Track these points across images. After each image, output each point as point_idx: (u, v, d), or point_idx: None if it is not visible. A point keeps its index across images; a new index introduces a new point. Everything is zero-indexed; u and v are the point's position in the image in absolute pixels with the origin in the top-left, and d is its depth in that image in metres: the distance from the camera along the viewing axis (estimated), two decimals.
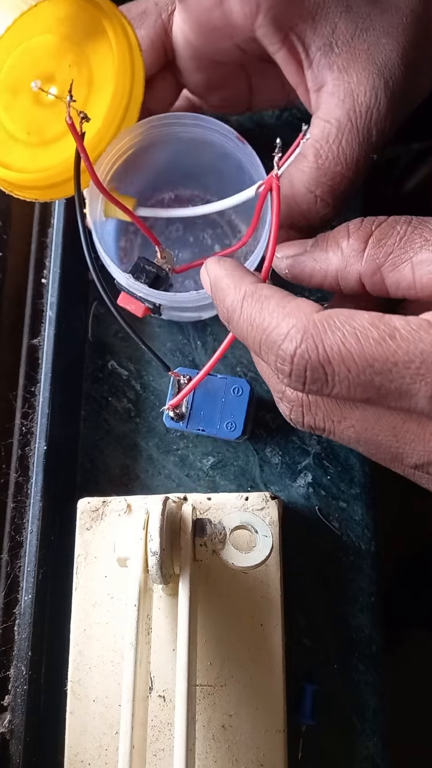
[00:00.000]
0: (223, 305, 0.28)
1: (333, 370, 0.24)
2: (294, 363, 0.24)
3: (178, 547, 0.33)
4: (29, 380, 0.44)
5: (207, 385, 0.36)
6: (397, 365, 0.23)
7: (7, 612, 0.39)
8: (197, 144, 0.38)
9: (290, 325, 0.24)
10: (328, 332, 0.24)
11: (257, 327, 0.26)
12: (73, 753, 0.35)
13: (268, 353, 0.25)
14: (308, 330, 0.24)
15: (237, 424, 0.36)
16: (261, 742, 0.34)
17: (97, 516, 0.38)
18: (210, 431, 0.36)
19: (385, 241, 0.27)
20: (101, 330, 0.47)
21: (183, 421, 0.36)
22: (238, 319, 0.27)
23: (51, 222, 0.46)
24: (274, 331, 0.25)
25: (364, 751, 0.38)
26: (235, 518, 0.34)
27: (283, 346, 0.25)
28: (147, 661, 0.32)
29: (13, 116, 0.34)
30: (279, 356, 0.25)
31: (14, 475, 0.42)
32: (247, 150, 0.36)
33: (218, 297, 0.29)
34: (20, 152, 0.36)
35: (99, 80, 0.36)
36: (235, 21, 0.33)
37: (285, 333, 0.24)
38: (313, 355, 0.24)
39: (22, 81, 0.33)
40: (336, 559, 0.41)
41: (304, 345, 0.24)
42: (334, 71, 0.32)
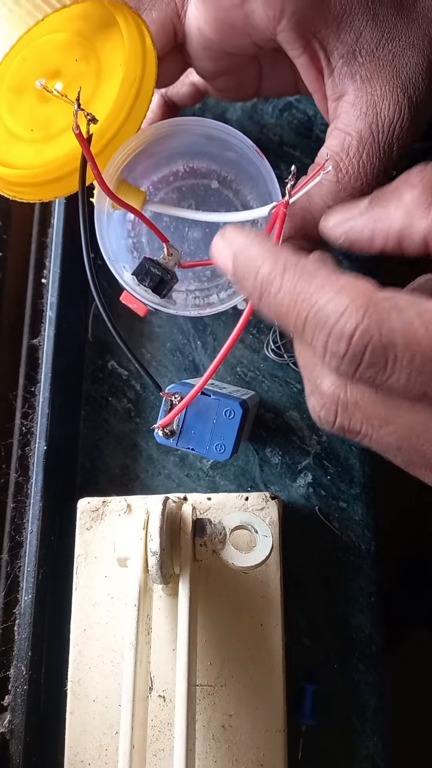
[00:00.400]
0: (256, 277, 0.24)
1: (396, 355, 0.21)
2: (353, 342, 0.21)
3: (178, 547, 0.33)
4: (29, 380, 0.44)
5: (199, 405, 0.36)
6: None
7: (7, 612, 0.39)
8: (215, 139, 0.38)
9: (348, 300, 0.22)
10: (393, 313, 0.21)
11: (304, 301, 0.22)
12: (73, 753, 0.35)
13: (318, 331, 0.22)
14: (370, 307, 0.21)
15: (226, 447, 0.35)
16: (261, 742, 0.34)
17: (97, 516, 0.38)
18: (199, 451, 0.36)
19: None
20: (101, 330, 0.47)
21: (173, 439, 0.36)
22: (276, 293, 0.23)
23: (51, 222, 0.46)
24: (327, 305, 0.22)
25: (364, 751, 0.38)
26: (235, 518, 0.34)
27: (340, 322, 0.21)
28: (147, 661, 0.32)
29: (16, 116, 0.34)
30: (334, 333, 0.22)
31: (14, 475, 0.42)
32: (266, 165, 0.35)
33: (247, 268, 0.25)
34: (24, 150, 0.35)
35: (107, 70, 0.35)
36: (257, 23, 0.32)
37: (343, 309, 0.21)
38: (376, 335, 0.21)
39: (27, 79, 0.33)
40: (336, 559, 0.41)
41: (367, 322, 0.21)
42: (356, 81, 0.31)
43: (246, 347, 0.45)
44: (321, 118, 0.49)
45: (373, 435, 0.25)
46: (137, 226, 0.43)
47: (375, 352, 0.21)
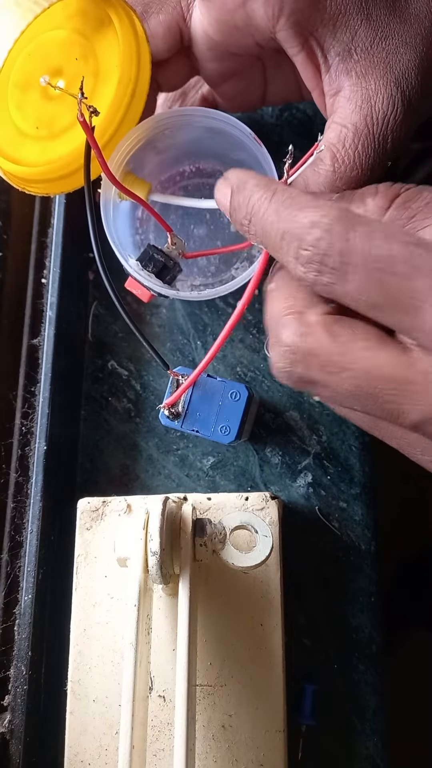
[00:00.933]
0: (248, 204, 0.27)
1: (353, 260, 0.23)
2: (316, 246, 0.24)
3: (178, 547, 0.33)
4: (29, 380, 0.44)
5: (205, 387, 0.36)
6: (420, 271, 0.23)
7: (7, 612, 0.39)
8: (217, 132, 0.39)
9: (321, 213, 0.24)
10: (358, 225, 0.24)
11: (284, 218, 0.25)
12: (73, 753, 0.35)
13: (291, 241, 0.25)
14: (338, 219, 0.24)
15: (231, 429, 0.36)
16: (261, 742, 0.34)
17: (97, 516, 0.38)
18: (204, 433, 0.36)
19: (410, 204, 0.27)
20: (101, 330, 0.47)
21: (178, 420, 0.36)
22: (263, 213, 0.26)
23: (51, 222, 0.46)
24: (302, 219, 0.25)
25: (364, 751, 0.38)
26: (235, 518, 0.34)
27: (310, 230, 0.24)
28: (147, 661, 0.32)
29: (23, 113, 0.34)
30: (302, 240, 0.24)
31: (14, 475, 0.42)
32: (263, 152, 0.36)
33: (242, 197, 0.28)
34: (30, 147, 0.36)
35: (104, 70, 0.36)
36: (257, 22, 0.34)
37: (316, 219, 0.24)
38: (338, 241, 0.24)
39: (31, 77, 0.33)
40: (336, 559, 0.41)
41: (330, 230, 0.24)
42: (352, 77, 0.33)
43: (246, 347, 0.45)
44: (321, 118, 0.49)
45: (329, 382, 0.26)
46: (145, 223, 0.44)
47: (334, 255, 0.24)
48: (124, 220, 0.41)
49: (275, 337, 0.27)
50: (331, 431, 0.43)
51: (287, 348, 0.26)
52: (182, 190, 0.44)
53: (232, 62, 0.38)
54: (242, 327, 0.46)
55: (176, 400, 0.35)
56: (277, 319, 0.27)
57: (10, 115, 0.34)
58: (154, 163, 0.42)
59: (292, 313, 0.27)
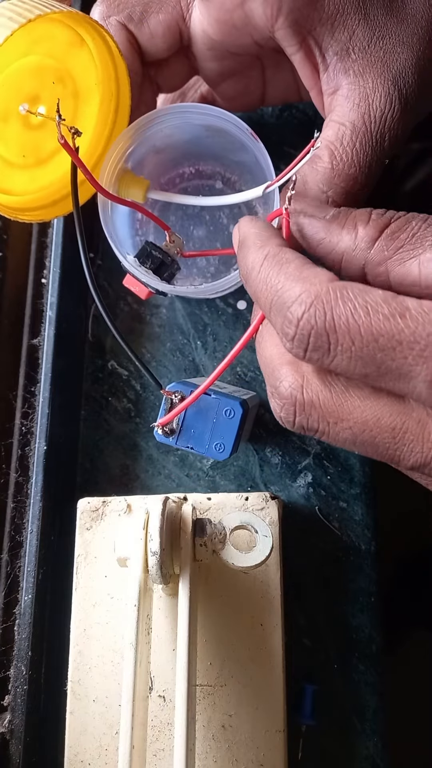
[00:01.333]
0: (245, 263, 0.28)
1: (337, 339, 0.24)
2: (299, 326, 0.24)
3: (178, 547, 0.33)
4: (29, 380, 0.44)
5: (199, 404, 0.36)
6: (402, 344, 0.23)
7: (7, 612, 0.39)
8: (216, 130, 0.39)
9: (303, 289, 0.25)
10: (339, 302, 0.24)
11: (271, 287, 0.26)
12: (73, 753, 0.35)
13: (277, 315, 0.26)
14: (320, 296, 0.24)
15: (226, 446, 0.35)
16: (261, 742, 0.34)
17: (97, 516, 0.38)
18: (199, 450, 0.36)
19: (398, 235, 0.27)
20: (101, 330, 0.47)
21: (173, 437, 0.36)
22: (255, 278, 0.27)
23: (51, 222, 0.46)
24: (286, 293, 0.25)
25: (364, 751, 0.38)
26: (235, 518, 0.34)
27: (292, 308, 0.25)
28: (147, 661, 0.32)
29: (7, 143, 0.34)
30: (286, 318, 0.25)
31: (14, 475, 0.42)
32: (260, 147, 0.36)
33: (242, 255, 0.29)
34: (18, 176, 0.36)
35: (84, 90, 0.36)
36: (256, 22, 0.34)
37: (296, 296, 0.25)
38: (320, 322, 0.24)
39: (9, 107, 0.33)
40: (336, 559, 0.41)
41: (313, 310, 0.24)
42: (349, 76, 0.33)
43: (246, 347, 0.45)
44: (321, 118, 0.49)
45: (329, 432, 0.27)
46: (144, 225, 0.44)
47: (319, 336, 0.24)
48: (123, 221, 0.41)
49: (274, 387, 0.28)
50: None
51: (287, 401, 0.27)
52: (182, 192, 0.44)
53: (231, 62, 0.38)
54: (242, 327, 0.46)
55: (169, 420, 0.35)
56: (272, 368, 0.28)
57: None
58: (153, 163, 0.42)
59: (287, 363, 0.28)
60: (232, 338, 0.46)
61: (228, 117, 0.37)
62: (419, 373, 0.23)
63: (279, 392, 0.28)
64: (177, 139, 0.41)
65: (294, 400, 0.27)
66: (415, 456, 0.25)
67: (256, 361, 0.45)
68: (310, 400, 0.27)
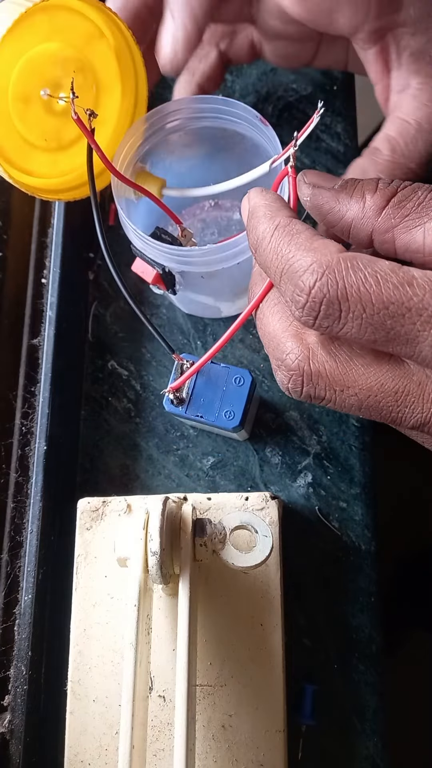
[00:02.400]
0: (255, 232, 0.29)
1: (348, 307, 0.25)
2: (311, 295, 0.25)
3: (178, 547, 0.33)
4: (29, 380, 0.44)
5: (209, 373, 0.36)
6: (411, 311, 0.24)
7: (7, 612, 0.39)
8: (229, 135, 0.39)
9: (314, 259, 0.25)
10: (350, 271, 0.25)
11: (282, 257, 0.27)
12: (73, 753, 0.35)
13: (288, 283, 0.26)
14: (331, 265, 0.25)
15: (236, 413, 0.36)
16: (261, 742, 0.34)
17: (97, 516, 0.38)
18: (208, 418, 0.36)
19: (405, 204, 0.28)
20: (101, 330, 0.47)
21: (183, 407, 0.36)
22: (266, 247, 0.28)
23: (51, 222, 0.46)
24: (297, 262, 0.26)
25: (364, 751, 0.38)
26: (235, 518, 0.34)
27: (303, 277, 0.25)
28: (147, 661, 0.32)
29: (28, 125, 0.35)
30: (297, 286, 0.26)
31: (14, 475, 0.42)
32: (269, 131, 0.36)
33: (252, 225, 0.29)
34: (40, 158, 0.37)
35: (105, 82, 0.37)
36: (340, 22, 0.36)
37: (308, 265, 0.25)
38: (332, 290, 0.25)
39: (31, 90, 0.34)
40: (336, 559, 0.41)
41: (325, 279, 0.25)
42: (420, 76, 0.35)
43: (246, 347, 0.45)
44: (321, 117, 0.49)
45: (336, 399, 0.28)
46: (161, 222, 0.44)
47: (330, 304, 0.25)
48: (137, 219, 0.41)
49: (280, 360, 0.29)
50: (331, 431, 0.43)
51: (295, 372, 0.28)
52: (201, 222, 0.46)
53: (294, 28, 0.39)
54: (242, 327, 0.46)
55: (181, 384, 0.35)
56: (277, 341, 0.29)
57: (15, 127, 0.34)
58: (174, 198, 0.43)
59: (292, 336, 0.29)
60: (232, 338, 0.46)
61: (235, 106, 0.37)
62: (426, 338, 0.24)
63: (286, 364, 0.29)
64: (191, 149, 0.42)
65: (301, 371, 0.28)
66: (416, 416, 0.27)
67: (256, 361, 0.45)
68: (317, 370, 0.28)
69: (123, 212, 0.36)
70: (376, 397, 0.27)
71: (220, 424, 0.36)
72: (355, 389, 0.27)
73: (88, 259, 0.48)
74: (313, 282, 0.25)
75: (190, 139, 0.40)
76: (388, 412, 0.27)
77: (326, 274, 0.25)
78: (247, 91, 0.51)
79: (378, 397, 0.27)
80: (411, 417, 0.27)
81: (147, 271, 0.37)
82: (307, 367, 0.28)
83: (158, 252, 0.36)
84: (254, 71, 0.51)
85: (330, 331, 0.26)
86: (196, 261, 0.36)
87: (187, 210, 0.46)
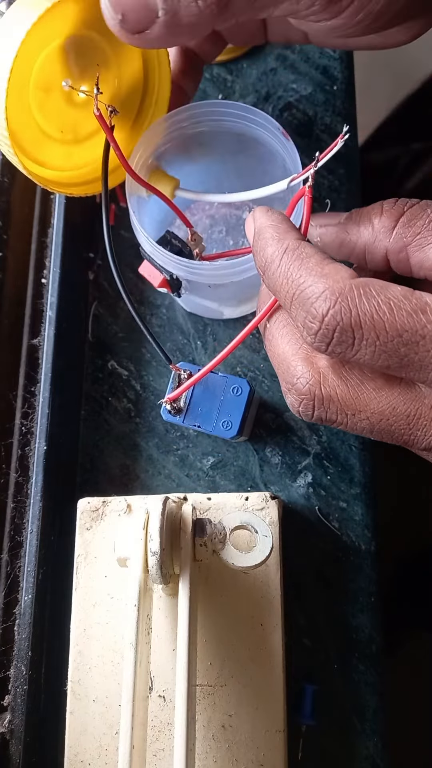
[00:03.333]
0: (263, 255, 0.28)
1: (362, 334, 0.25)
2: (324, 322, 0.25)
3: (178, 547, 0.33)
4: (29, 380, 0.44)
5: (207, 382, 0.36)
6: (425, 338, 0.24)
7: (7, 612, 0.39)
8: (246, 140, 0.39)
9: (327, 285, 0.25)
10: (363, 298, 0.25)
11: (293, 282, 0.26)
12: (73, 753, 0.35)
13: (299, 309, 0.26)
14: (344, 293, 0.25)
15: (233, 424, 0.36)
16: (261, 742, 0.34)
17: (97, 516, 0.38)
18: (206, 428, 0.36)
19: (415, 222, 0.28)
20: (101, 330, 0.47)
21: (180, 416, 0.36)
22: (275, 271, 0.27)
23: (51, 222, 0.46)
24: (309, 288, 0.26)
25: (364, 751, 0.38)
26: (235, 518, 0.34)
27: (316, 303, 0.25)
28: (147, 661, 0.32)
29: (46, 115, 0.35)
30: (310, 313, 0.25)
31: (14, 475, 0.42)
32: (290, 145, 0.36)
33: (259, 246, 0.29)
34: (55, 150, 0.36)
35: (128, 78, 0.37)
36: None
37: (320, 292, 0.25)
38: (345, 318, 0.25)
39: (53, 80, 0.34)
40: (336, 559, 0.41)
41: (338, 306, 0.25)
42: None
43: (246, 347, 0.45)
44: (321, 118, 0.49)
45: (347, 423, 0.28)
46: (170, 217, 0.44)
47: (344, 332, 0.25)
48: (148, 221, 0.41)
49: (290, 384, 0.29)
50: (331, 431, 0.43)
51: (306, 396, 0.28)
52: (210, 218, 0.46)
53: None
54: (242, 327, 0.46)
55: (179, 396, 0.35)
56: (287, 365, 0.29)
57: (33, 116, 0.34)
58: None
59: (303, 360, 0.28)
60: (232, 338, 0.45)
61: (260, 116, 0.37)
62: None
63: (297, 388, 0.29)
64: (207, 151, 0.41)
65: (313, 396, 0.28)
66: (428, 438, 0.27)
67: (256, 361, 0.45)
68: (329, 394, 0.28)
69: (134, 214, 0.36)
70: (388, 420, 0.27)
71: (217, 434, 0.36)
72: (367, 413, 0.27)
73: (88, 259, 0.48)
74: (326, 309, 0.25)
75: (208, 140, 0.40)
76: (400, 435, 0.27)
77: (339, 301, 0.25)
78: (247, 91, 0.50)
79: (390, 421, 0.27)
80: (423, 439, 0.27)
81: (154, 275, 0.37)
82: (318, 392, 0.28)
83: (167, 260, 0.36)
84: (254, 71, 0.51)
85: (343, 357, 0.26)
86: (205, 274, 0.36)
87: (196, 205, 0.46)
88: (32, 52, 0.32)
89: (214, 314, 0.45)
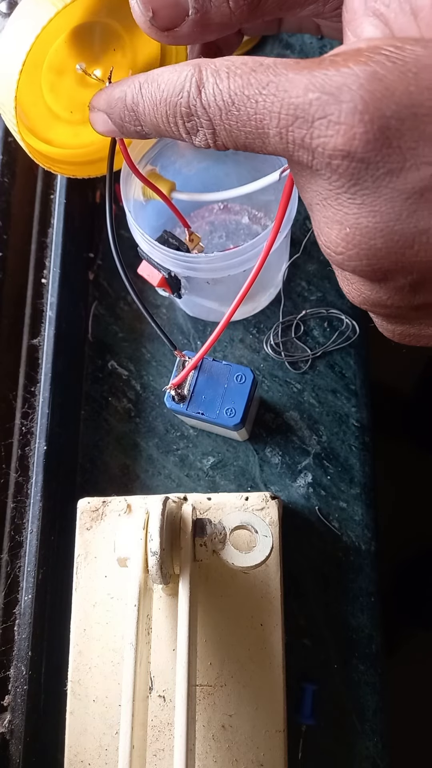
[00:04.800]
0: (125, 101, 0.28)
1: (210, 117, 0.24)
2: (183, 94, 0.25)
3: (178, 547, 0.33)
4: (29, 380, 0.44)
5: (210, 370, 0.36)
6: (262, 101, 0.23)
7: (7, 612, 0.39)
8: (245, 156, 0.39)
9: (180, 67, 0.25)
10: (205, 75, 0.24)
11: (159, 96, 0.26)
12: (73, 753, 0.35)
13: (175, 109, 0.25)
14: (192, 74, 0.24)
15: (237, 411, 0.36)
16: (261, 742, 0.34)
17: (97, 516, 0.38)
18: (209, 416, 0.36)
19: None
20: (101, 330, 0.47)
21: (184, 404, 0.36)
22: (144, 105, 0.27)
23: (51, 222, 0.46)
24: (169, 77, 0.25)
25: (364, 751, 0.38)
26: (235, 518, 0.34)
27: (177, 92, 0.25)
28: (147, 661, 0.32)
29: (57, 96, 0.35)
30: (172, 102, 0.25)
31: (14, 475, 0.42)
32: None
33: (117, 107, 0.28)
34: (63, 129, 0.36)
35: (142, 65, 0.37)
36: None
37: (178, 81, 0.25)
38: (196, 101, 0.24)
39: (67, 62, 0.34)
40: (336, 559, 0.41)
41: (193, 86, 0.24)
42: None
43: (246, 347, 0.45)
44: None
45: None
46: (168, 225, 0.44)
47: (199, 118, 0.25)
48: (149, 214, 0.41)
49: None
50: (331, 431, 0.43)
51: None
52: (209, 225, 0.46)
53: None
54: (242, 327, 0.46)
55: (183, 380, 0.35)
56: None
57: (43, 96, 0.34)
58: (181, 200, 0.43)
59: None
60: (232, 338, 0.46)
61: None
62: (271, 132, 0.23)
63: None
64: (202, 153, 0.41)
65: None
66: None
67: (256, 361, 0.45)
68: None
69: (131, 214, 0.36)
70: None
71: (221, 421, 0.36)
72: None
73: (88, 259, 0.48)
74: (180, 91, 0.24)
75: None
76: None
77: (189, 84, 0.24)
78: None
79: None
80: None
81: (153, 275, 0.37)
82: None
83: (164, 257, 0.36)
84: None
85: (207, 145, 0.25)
86: (202, 267, 0.35)
87: (196, 213, 0.46)
88: (50, 36, 0.32)
89: (216, 317, 0.45)
